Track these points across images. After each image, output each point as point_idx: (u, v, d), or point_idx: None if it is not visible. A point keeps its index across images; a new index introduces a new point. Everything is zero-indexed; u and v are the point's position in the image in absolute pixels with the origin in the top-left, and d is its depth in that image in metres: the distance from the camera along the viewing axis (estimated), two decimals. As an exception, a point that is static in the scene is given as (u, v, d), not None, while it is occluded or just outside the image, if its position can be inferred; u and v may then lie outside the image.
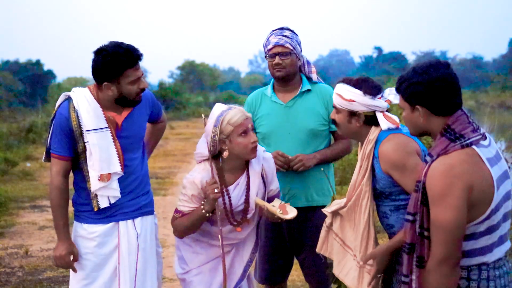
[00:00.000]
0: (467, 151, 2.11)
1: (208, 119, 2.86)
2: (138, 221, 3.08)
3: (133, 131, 3.04)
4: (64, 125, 2.90)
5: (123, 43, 2.89)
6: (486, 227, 2.14)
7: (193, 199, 2.88)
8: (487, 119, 9.39)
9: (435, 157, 2.13)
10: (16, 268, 5.64)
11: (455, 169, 2.06)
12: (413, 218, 2.20)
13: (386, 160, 2.50)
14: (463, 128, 2.16)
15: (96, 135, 2.90)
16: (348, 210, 2.69)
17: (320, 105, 3.39)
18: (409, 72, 2.24)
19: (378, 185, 2.58)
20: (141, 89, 2.93)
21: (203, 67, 57.33)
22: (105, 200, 2.96)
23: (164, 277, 5.31)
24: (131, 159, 3.04)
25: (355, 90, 2.61)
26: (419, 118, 2.22)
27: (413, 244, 2.20)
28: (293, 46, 3.32)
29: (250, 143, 2.81)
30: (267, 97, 3.45)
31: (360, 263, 2.65)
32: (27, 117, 18.80)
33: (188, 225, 2.89)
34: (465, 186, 2.05)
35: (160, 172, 11.71)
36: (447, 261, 2.09)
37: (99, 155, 2.90)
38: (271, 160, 3.05)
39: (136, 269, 3.02)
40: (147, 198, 3.15)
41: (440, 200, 2.07)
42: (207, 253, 2.99)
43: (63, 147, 2.92)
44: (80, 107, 2.90)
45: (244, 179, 2.93)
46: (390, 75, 45.85)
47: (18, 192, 9.32)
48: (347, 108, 2.63)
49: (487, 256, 2.18)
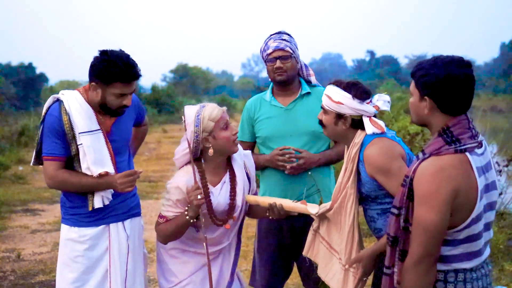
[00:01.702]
0: (460, 157, 2.10)
1: (185, 122, 2.83)
2: (127, 223, 3.11)
3: (121, 135, 3.06)
4: (56, 126, 2.89)
5: (130, 58, 2.89)
6: (466, 236, 2.14)
7: (178, 204, 2.83)
8: (479, 123, 9.44)
9: (427, 156, 2.13)
10: (8, 272, 5.61)
11: (444, 172, 2.06)
12: (398, 212, 2.20)
13: (371, 163, 2.51)
14: (461, 133, 2.15)
15: (89, 137, 2.90)
16: (334, 213, 2.71)
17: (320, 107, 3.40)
18: (430, 62, 2.17)
19: (364, 189, 2.59)
20: (123, 104, 2.93)
21: (196, 71, 57.31)
22: (99, 200, 2.96)
23: (157, 280, 5.29)
24: (120, 161, 3.06)
25: (344, 93, 2.62)
26: (424, 109, 2.20)
27: (396, 237, 2.21)
28: (292, 49, 3.34)
29: (232, 135, 2.82)
30: (266, 101, 3.46)
31: (345, 266, 2.67)
32: (19, 121, 18.67)
33: (172, 230, 2.83)
34: (451, 190, 2.05)
35: (153, 175, 11.69)
36: (425, 260, 2.10)
37: (93, 157, 2.90)
38: (251, 157, 3.07)
39: (127, 270, 3.04)
40: (135, 200, 3.20)
41: (425, 200, 2.07)
42: (195, 262, 2.96)
43: (57, 147, 2.90)
44: (72, 109, 2.90)
45: (228, 176, 2.93)
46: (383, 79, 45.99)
47: (10, 196, 9.27)
48: (334, 110, 2.65)
49: (464, 263, 2.17)
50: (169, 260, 2.99)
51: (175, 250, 2.98)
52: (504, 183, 7.02)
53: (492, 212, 2.24)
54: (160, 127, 24.40)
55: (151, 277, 5.34)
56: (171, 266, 2.98)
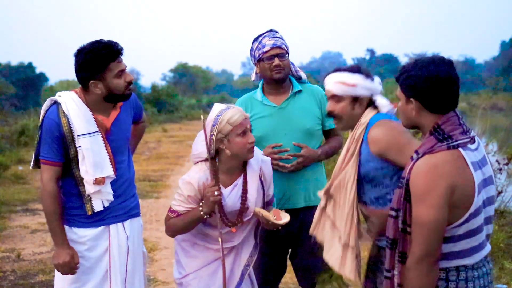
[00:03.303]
0: (453, 153, 2.11)
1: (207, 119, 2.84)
2: (127, 223, 3.10)
3: (121, 133, 3.05)
4: (54, 130, 2.87)
5: (102, 40, 2.90)
6: (465, 231, 2.14)
7: (189, 199, 2.85)
8: (479, 121, 9.43)
9: (421, 155, 2.14)
10: (8, 272, 5.60)
11: (439, 168, 2.08)
12: (396, 214, 2.21)
13: (380, 142, 2.53)
14: (452, 130, 2.16)
15: (88, 140, 2.89)
16: (334, 191, 2.72)
17: (314, 104, 3.40)
18: (411, 64, 2.24)
19: (363, 169, 2.60)
20: (128, 82, 2.93)
21: (196, 70, 57.35)
22: (99, 203, 2.96)
23: (157, 280, 5.31)
24: (120, 161, 3.05)
25: (356, 75, 2.66)
26: (412, 111, 2.23)
27: (395, 239, 2.21)
28: (287, 46, 3.35)
29: (248, 143, 2.80)
30: (257, 101, 3.43)
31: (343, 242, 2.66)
32: (19, 120, 18.65)
33: (182, 225, 2.87)
34: (447, 186, 2.06)
35: (153, 175, 11.67)
36: (426, 259, 2.10)
37: (92, 160, 2.89)
38: (269, 163, 3.03)
39: (126, 271, 3.04)
40: (134, 201, 3.18)
41: (423, 198, 2.08)
42: (204, 257, 2.97)
43: (54, 153, 2.89)
44: (70, 111, 2.89)
45: (241, 180, 2.91)
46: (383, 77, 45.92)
47: (10, 196, 9.26)
48: (350, 94, 2.66)
49: (465, 259, 2.18)
50: (180, 252, 3.02)
51: (186, 243, 2.99)
52: (504, 182, 7.01)
53: (492, 206, 2.25)
54: (160, 126, 24.37)
55: (151, 277, 5.35)
56: (181, 258, 3.01)
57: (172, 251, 6.18)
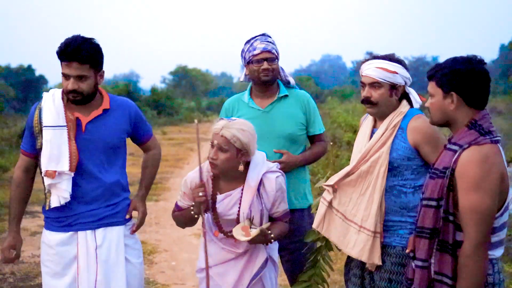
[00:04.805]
0: (496, 147, 2.21)
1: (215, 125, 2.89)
2: (99, 232, 2.99)
3: (99, 134, 2.95)
4: (29, 121, 2.98)
5: (79, 38, 2.88)
6: (500, 223, 2.23)
7: (184, 196, 2.98)
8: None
9: (467, 146, 2.19)
10: (7, 274, 5.60)
11: (490, 159, 2.15)
12: (437, 203, 2.25)
13: (422, 133, 2.64)
14: (490, 126, 2.25)
15: (51, 132, 2.90)
16: (358, 177, 2.76)
17: (298, 110, 3.43)
18: (449, 61, 2.30)
19: (392, 155, 2.68)
20: (68, 89, 2.89)
21: (196, 72, 57.33)
22: (56, 199, 2.93)
23: (157, 282, 5.30)
24: (93, 164, 2.96)
25: (395, 63, 2.75)
26: (450, 105, 2.28)
27: (435, 229, 2.26)
28: (277, 52, 3.40)
29: (207, 156, 2.87)
30: (244, 102, 3.48)
31: (373, 230, 2.70)
32: (18, 123, 18.68)
33: (182, 220, 3.03)
34: (499, 176, 2.15)
35: (153, 177, 11.64)
36: (484, 245, 2.16)
37: (49, 152, 2.89)
38: (273, 180, 2.90)
39: (96, 280, 2.93)
40: (113, 209, 3.03)
41: (477, 186, 2.14)
42: (216, 254, 2.97)
43: (27, 143, 3.00)
44: (44, 105, 2.95)
45: (238, 192, 2.91)
46: (382, 80, 45.68)
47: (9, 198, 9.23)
48: (390, 81, 2.73)
49: (497, 250, 2.26)
50: (201, 245, 3.02)
51: (207, 236, 2.96)
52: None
53: None
54: (160, 129, 24.38)
55: (151, 279, 5.35)
56: (200, 251, 3.06)
57: (172, 254, 6.20)
